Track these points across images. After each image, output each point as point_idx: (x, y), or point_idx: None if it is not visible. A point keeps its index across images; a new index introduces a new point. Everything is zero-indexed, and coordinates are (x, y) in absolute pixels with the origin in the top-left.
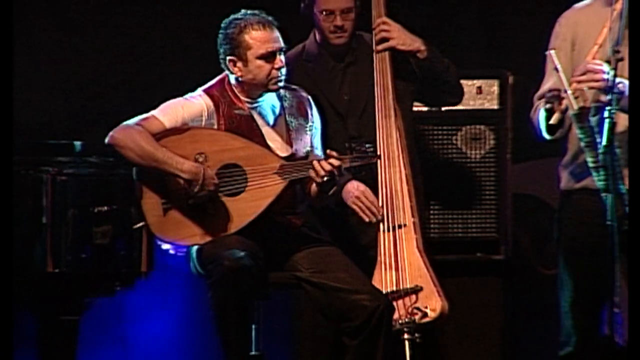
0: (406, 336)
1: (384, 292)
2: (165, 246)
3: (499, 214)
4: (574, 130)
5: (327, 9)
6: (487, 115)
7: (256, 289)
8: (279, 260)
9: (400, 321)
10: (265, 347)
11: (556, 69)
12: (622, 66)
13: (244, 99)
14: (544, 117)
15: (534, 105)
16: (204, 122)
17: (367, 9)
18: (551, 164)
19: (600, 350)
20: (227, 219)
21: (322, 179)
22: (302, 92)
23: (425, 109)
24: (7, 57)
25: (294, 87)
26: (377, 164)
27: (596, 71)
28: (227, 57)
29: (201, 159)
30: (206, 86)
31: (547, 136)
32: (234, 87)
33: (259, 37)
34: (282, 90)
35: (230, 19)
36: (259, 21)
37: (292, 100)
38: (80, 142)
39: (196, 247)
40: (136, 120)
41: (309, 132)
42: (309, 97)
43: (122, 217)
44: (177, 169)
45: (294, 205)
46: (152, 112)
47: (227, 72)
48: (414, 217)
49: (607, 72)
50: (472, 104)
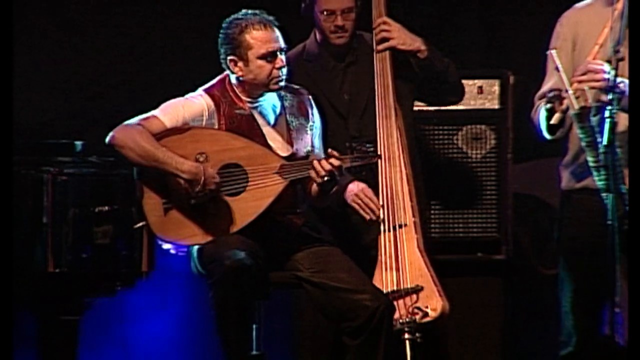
0: (407, 336)
1: (385, 292)
2: (166, 246)
3: (500, 214)
4: (574, 130)
5: (328, 9)
6: (487, 115)
7: (257, 289)
8: (279, 260)
9: (400, 321)
10: (265, 347)
11: (557, 69)
12: (623, 66)
13: (244, 98)
14: (544, 117)
15: (535, 105)
16: (204, 121)
17: (368, 9)
18: (552, 163)
19: (600, 350)
20: (227, 218)
21: (323, 179)
22: (303, 92)
23: (425, 108)
24: (7, 57)
25: (294, 86)
26: (377, 163)
27: (597, 71)
28: (228, 57)
29: (202, 159)
30: (207, 86)
31: (548, 136)
32: (234, 87)
33: (259, 37)
34: (282, 90)
35: (231, 19)
36: (260, 21)
37: (293, 99)
38: (80, 142)
39: (197, 247)
40: (137, 120)
41: (309, 131)
42: (310, 97)
43: (123, 217)
44: (177, 169)
45: (294, 205)
46: (153, 112)
47: (227, 72)
48: (414, 216)
49: (608, 72)
50: (472, 103)
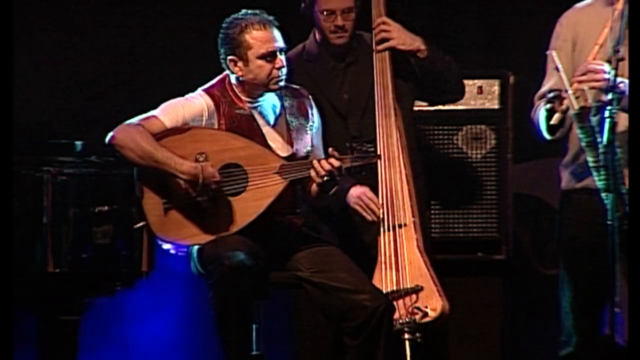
0: (407, 336)
1: (385, 292)
2: (166, 246)
3: (500, 214)
4: (574, 130)
5: (327, 8)
6: (487, 115)
7: (257, 289)
8: (279, 260)
9: (400, 321)
10: (265, 346)
11: (557, 69)
12: (623, 66)
13: (244, 98)
14: (544, 117)
15: (535, 105)
16: (204, 121)
17: (367, 9)
18: (552, 163)
19: (600, 350)
20: (227, 218)
21: (322, 179)
22: (303, 92)
23: (425, 108)
24: (7, 57)
25: (294, 86)
26: (377, 163)
27: (597, 71)
28: (228, 57)
29: (202, 159)
30: (207, 86)
31: (548, 136)
32: (234, 87)
33: (259, 37)
34: (282, 90)
35: (230, 19)
36: (260, 21)
37: (293, 100)
38: (80, 142)
39: (197, 247)
40: (137, 120)
41: (309, 131)
42: (310, 97)
43: (123, 217)
44: (177, 170)
45: (294, 205)
46: (153, 112)
47: (227, 72)
48: (414, 216)
49: (608, 72)
50: (472, 103)
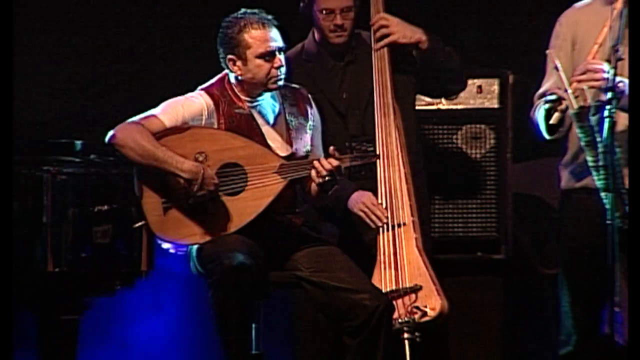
0: (406, 335)
1: (384, 291)
2: (165, 245)
3: (500, 214)
4: (574, 129)
5: (327, 7)
6: (487, 114)
7: (256, 289)
8: (279, 259)
9: (399, 320)
10: (265, 346)
11: (556, 68)
12: (622, 65)
13: (244, 98)
14: (543, 116)
15: (534, 104)
16: (204, 121)
17: (366, 7)
18: (551, 163)
19: (600, 349)
20: (227, 218)
21: (323, 178)
22: (302, 91)
23: (425, 108)
24: (7, 57)
25: (293, 85)
26: (376, 163)
27: (596, 70)
28: (227, 56)
29: (201, 158)
30: (206, 85)
31: (547, 136)
32: (233, 86)
33: (258, 36)
34: (282, 89)
35: (229, 18)
36: (259, 20)
37: (292, 99)
38: (80, 142)
39: (196, 247)
40: (136, 119)
41: (309, 131)
42: (309, 96)
43: (123, 217)
44: (177, 169)
45: (294, 204)
46: (153, 111)
47: (227, 71)
48: (413, 216)
49: (607, 72)
50: (472, 103)
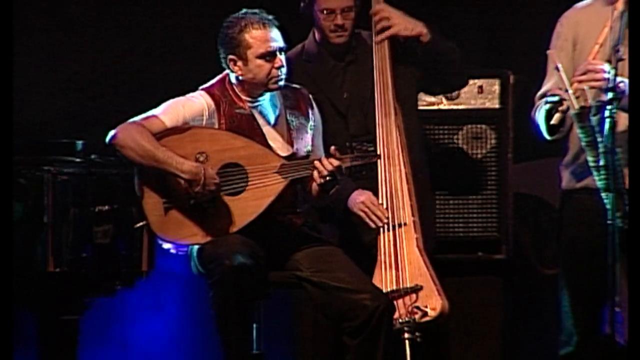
0: (406, 335)
1: (384, 291)
2: (166, 246)
3: (500, 214)
4: (574, 129)
5: (327, 7)
6: (488, 114)
7: (257, 289)
8: (279, 259)
9: (400, 320)
10: (265, 346)
11: (557, 69)
12: (623, 66)
13: (244, 98)
14: (544, 117)
15: (535, 104)
16: (204, 121)
17: (366, 7)
18: (552, 163)
19: (601, 349)
20: (228, 218)
21: (324, 178)
22: (303, 91)
23: (426, 108)
24: (7, 57)
25: (294, 86)
26: (377, 163)
27: (597, 71)
28: (228, 56)
29: (202, 159)
30: (207, 85)
31: (548, 136)
32: (234, 87)
33: (259, 36)
34: (282, 89)
35: (230, 18)
36: (260, 20)
37: (293, 99)
38: (81, 142)
39: (197, 247)
40: (137, 119)
41: (309, 131)
42: (310, 96)
43: (123, 217)
44: (177, 169)
45: (294, 204)
46: (153, 112)
47: (227, 72)
48: (414, 216)
49: (608, 72)
50: (473, 103)
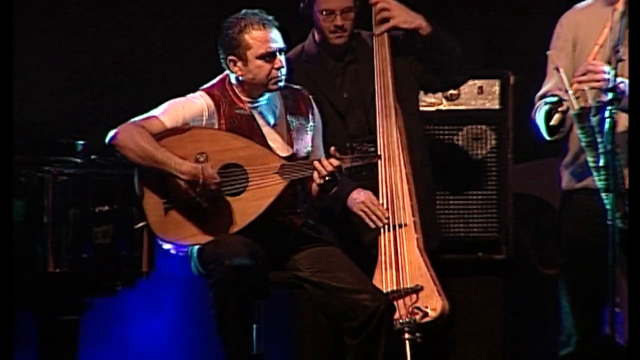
0: (407, 336)
1: (385, 292)
2: (166, 246)
3: (500, 214)
4: (574, 130)
5: (327, 8)
6: (488, 115)
7: (257, 289)
8: (279, 259)
9: (400, 321)
10: (265, 346)
11: (557, 69)
12: (623, 66)
13: (244, 98)
14: (544, 117)
15: (535, 105)
16: (204, 121)
17: (366, 8)
18: (552, 164)
19: (601, 349)
20: (228, 218)
21: (324, 179)
22: (303, 92)
23: (426, 109)
24: (7, 57)
25: (294, 86)
26: (377, 163)
27: (597, 71)
28: (228, 57)
29: (202, 159)
30: (207, 86)
31: (548, 137)
32: (234, 87)
33: (259, 37)
34: (282, 90)
35: (230, 19)
36: (259, 21)
37: (293, 100)
38: (81, 142)
39: (197, 247)
40: (137, 120)
41: (309, 131)
42: (310, 97)
43: (123, 217)
44: (176, 170)
45: (294, 205)
46: (153, 112)
47: (227, 72)
48: (414, 216)
49: (608, 72)
50: (473, 103)
